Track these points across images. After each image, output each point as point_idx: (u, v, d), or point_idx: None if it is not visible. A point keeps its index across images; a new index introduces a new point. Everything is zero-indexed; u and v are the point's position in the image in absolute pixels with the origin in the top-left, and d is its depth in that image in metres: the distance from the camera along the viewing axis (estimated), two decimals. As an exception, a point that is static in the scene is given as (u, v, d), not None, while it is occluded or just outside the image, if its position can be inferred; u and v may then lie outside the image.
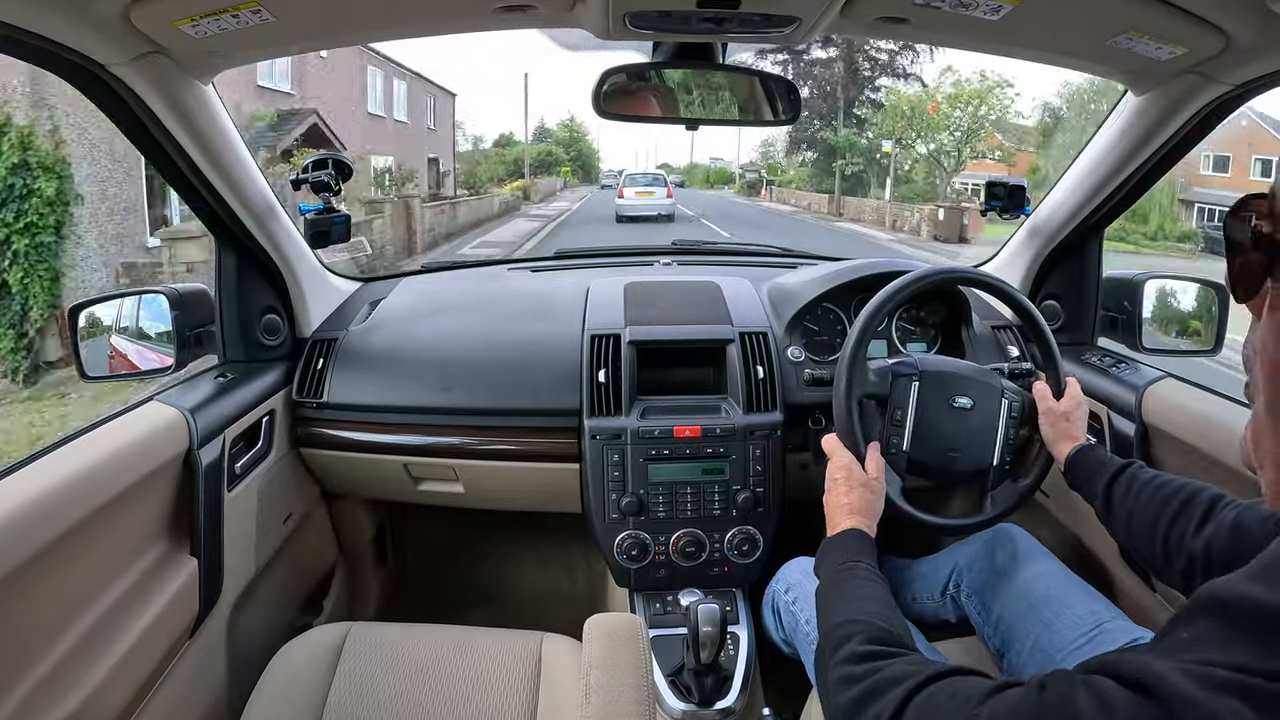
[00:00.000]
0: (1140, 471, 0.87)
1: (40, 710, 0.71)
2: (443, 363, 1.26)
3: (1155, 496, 0.82)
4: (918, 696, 0.53)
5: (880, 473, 0.92)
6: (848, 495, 0.88)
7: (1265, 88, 0.91)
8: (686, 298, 1.36)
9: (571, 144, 42.27)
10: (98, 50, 0.79)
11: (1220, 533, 0.73)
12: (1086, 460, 0.92)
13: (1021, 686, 0.48)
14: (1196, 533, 0.76)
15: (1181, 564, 0.77)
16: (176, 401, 0.99)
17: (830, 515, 0.89)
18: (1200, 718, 0.38)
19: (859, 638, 0.63)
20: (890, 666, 0.57)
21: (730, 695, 1.05)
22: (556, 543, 1.73)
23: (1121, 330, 1.30)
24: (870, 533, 0.85)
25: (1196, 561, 0.75)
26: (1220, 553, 0.72)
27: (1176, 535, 0.78)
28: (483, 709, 0.92)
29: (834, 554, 0.81)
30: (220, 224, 1.11)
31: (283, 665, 0.98)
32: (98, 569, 0.82)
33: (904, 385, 1.00)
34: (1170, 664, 0.41)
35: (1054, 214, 1.30)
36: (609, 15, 0.83)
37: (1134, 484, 0.85)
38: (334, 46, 1.00)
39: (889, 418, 1.00)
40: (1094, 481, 0.90)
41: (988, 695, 0.49)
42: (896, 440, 0.99)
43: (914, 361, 1.02)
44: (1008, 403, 1.01)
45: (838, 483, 0.90)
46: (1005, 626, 0.95)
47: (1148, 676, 0.41)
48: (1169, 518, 0.79)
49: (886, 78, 23.62)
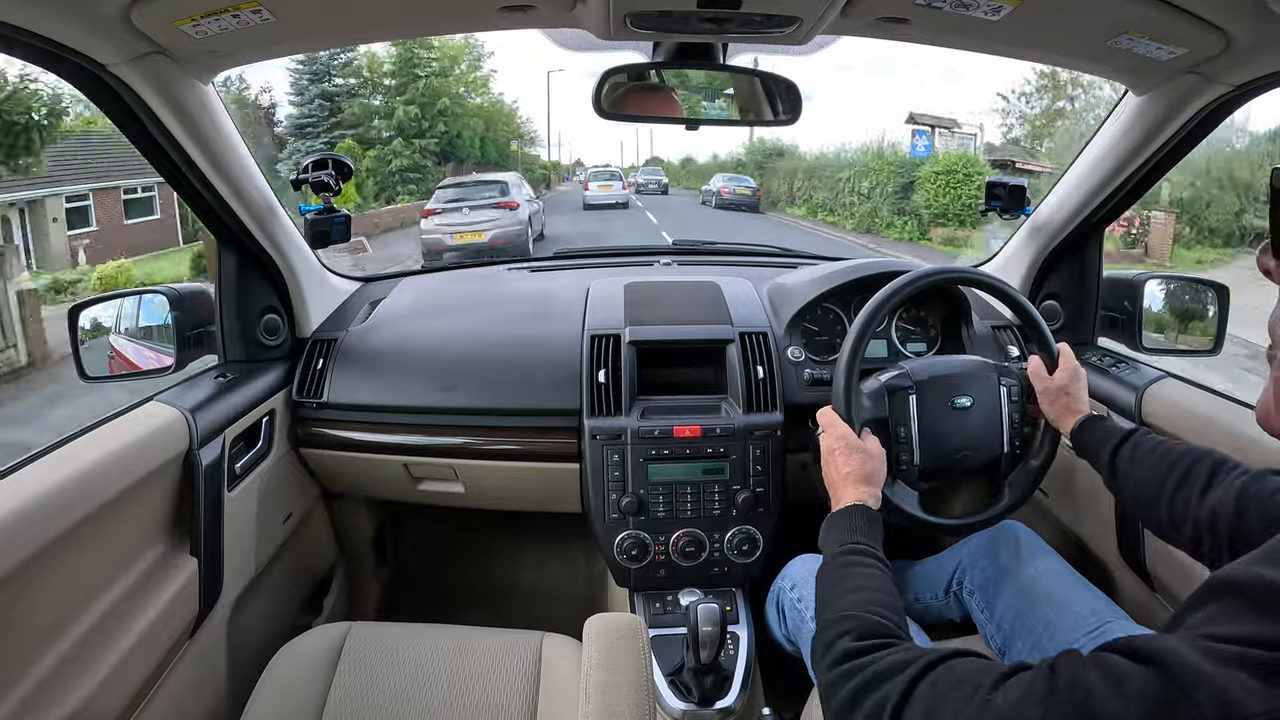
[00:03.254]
0: (1145, 438, 0.87)
1: (40, 709, 0.71)
2: (443, 363, 1.26)
3: (1160, 463, 0.82)
4: (921, 684, 0.52)
5: (879, 445, 0.91)
6: (846, 463, 0.87)
7: (1265, 88, 0.91)
8: (686, 298, 1.36)
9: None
10: (98, 50, 0.79)
11: (1226, 503, 0.73)
12: (1092, 430, 0.92)
13: (1031, 670, 0.48)
14: (1201, 499, 0.76)
15: (1188, 530, 0.77)
16: (176, 401, 0.99)
17: (832, 488, 0.87)
18: (1209, 690, 0.39)
19: (852, 634, 0.62)
20: (887, 657, 0.57)
21: (730, 695, 1.05)
22: (556, 543, 1.73)
23: (1121, 330, 1.30)
24: (874, 502, 0.84)
25: (1203, 528, 0.75)
26: (1225, 523, 0.72)
27: (1181, 501, 0.78)
28: (483, 709, 0.92)
29: (835, 532, 0.79)
30: (220, 224, 1.11)
31: (283, 665, 0.98)
32: (98, 569, 0.82)
33: (902, 401, 0.98)
34: (1180, 639, 0.42)
35: (1054, 214, 1.30)
36: (609, 15, 0.83)
37: (1139, 450, 0.85)
38: (335, 46, 1.00)
39: (893, 436, 0.97)
40: (1100, 449, 0.89)
41: (999, 680, 0.49)
42: (906, 456, 0.97)
43: (907, 372, 1.00)
44: (1006, 389, 1.01)
45: (835, 453, 0.88)
46: (1008, 624, 0.95)
47: (1160, 651, 0.42)
48: (1174, 484, 0.80)
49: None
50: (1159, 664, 0.42)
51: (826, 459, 0.90)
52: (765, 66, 1.04)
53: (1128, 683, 0.42)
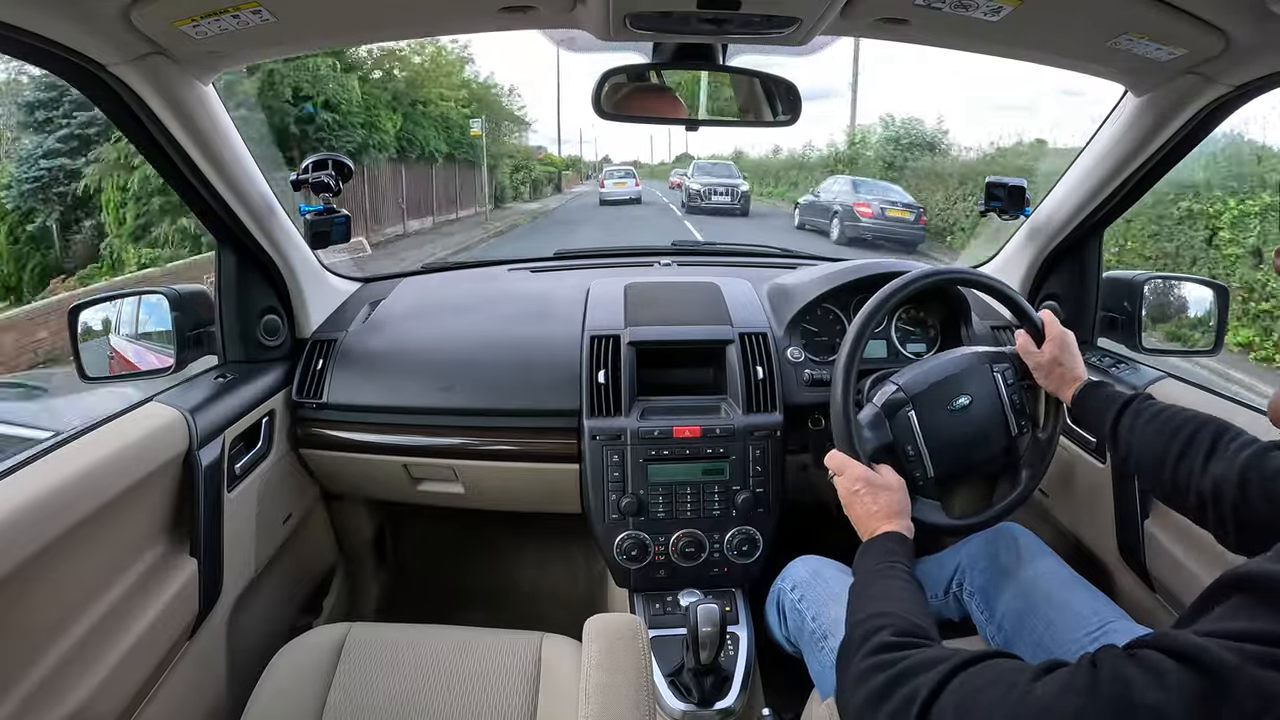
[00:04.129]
0: (1146, 404, 0.86)
1: (41, 709, 0.71)
2: (442, 363, 1.26)
3: (1162, 430, 0.82)
4: (953, 681, 0.52)
5: (895, 474, 0.89)
6: (875, 502, 0.84)
7: (1265, 89, 0.91)
8: (686, 298, 1.36)
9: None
10: (98, 50, 0.79)
11: (1229, 477, 0.73)
12: (1092, 397, 0.91)
13: (1070, 665, 0.48)
14: (1204, 469, 0.76)
15: (1193, 500, 0.77)
16: (176, 402, 0.99)
17: (862, 524, 0.85)
18: (1246, 684, 0.40)
19: (889, 629, 0.62)
20: (923, 651, 0.57)
21: (730, 695, 1.05)
22: (556, 543, 1.73)
23: (1121, 331, 1.30)
24: (909, 534, 0.82)
25: (1207, 499, 0.75)
26: (1230, 501, 0.72)
27: (1184, 471, 0.78)
28: (482, 709, 0.92)
29: (873, 554, 0.79)
30: (220, 224, 1.11)
31: (283, 665, 0.98)
32: (98, 569, 0.82)
33: (902, 420, 0.96)
34: (1207, 637, 0.43)
35: (1054, 215, 1.30)
36: (609, 16, 0.83)
37: (1140, 417, 0.85)
38: (335, 47, 1.00)
39: (903, 456, 0.96)
40: (1101, 416, 0.89)
41: (1037, 675, 0.49)
42: (919, 473, 0.96)
43: (899, 386, 0.98)
44: (1000, 375, 1.00)
45: (859, 494, 0.86)
46: (1008, 625, 0.95)
47: (1191, 648, 0.43)
48: (1176, 452, 0.79)
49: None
50: (1193, 661, 0.42)
51: (848, 501, 0.87)
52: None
53: (1168, 676, 0.43)
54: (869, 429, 0.96)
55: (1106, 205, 1.21)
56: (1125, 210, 1.24)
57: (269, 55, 0.98)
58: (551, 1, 0.82)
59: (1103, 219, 1.26)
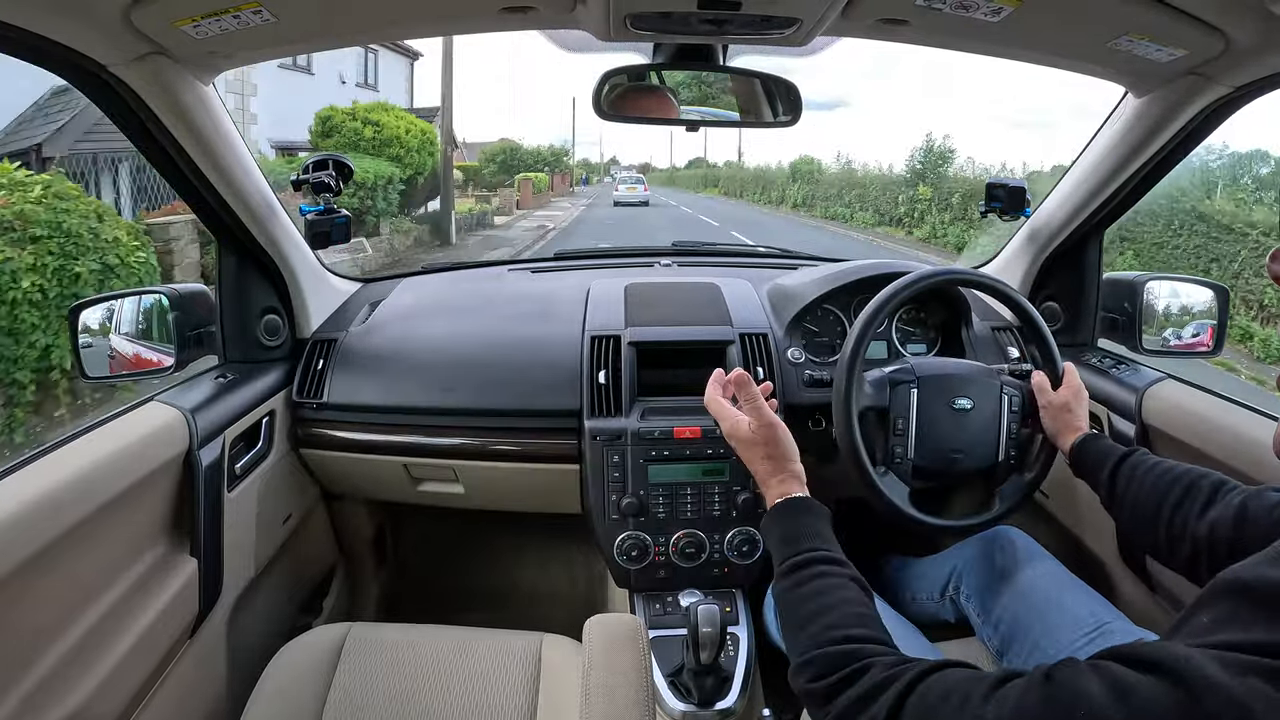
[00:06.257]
0: (1144, 458, 0.86)
1: (41, 709, 0.71)
2: (443, 364, 1.26)
3: (1159, 483, 0.82)
4: (910, 699, 0.50)
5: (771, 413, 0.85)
6: (749, 449, 0.83)
7: (1265, 89, 0.91)
8: (687, 299, 1.36)
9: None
10: (98, 50, 0.79)
11: (1225, 518, 0.72)
12: (1091, 449, 0.92)
13: (1023, 678, 0.46)
14: (1200, 517, 0.75)
15: (1186, 549, 0.76)
16: (176, 402, 0.99)
17: (758, 481, 0.84)
18: (1224, 700, 0.37)
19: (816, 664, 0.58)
20: (864, 679, 0.54)
21: (730, 696, 1.05)
22: (557, 543, 1.72)
23: (1121, 331, 1.30)
24: (802, 487, 0.80)
25: (1201, 546, 0.74)
26: (1224, 539, 0.72)
27: (1180, 520, 0.77)
28: (482, 709, 0.92)
29: (776, 539, 0.75)
30: (220, 224, 1.11)
31: (283, 665, 0.98)
32: (98, 569, 0.82)
33: (903, 393, 0.99)
34: (1192, 647, 0.41)
35: (1054, 216, 1.30)
36: (610, 16, 0.83)
37: (1138, 470, 0.85)
38: (335, 47, 1.00)
39: (890, 428, 0.99)
40: (1098, 469, 0.89)
41: (990, 691, 0.47)
42: (900, 449, 0.98)
43: (910, 367, 1.02)
44: (1008, 398, 1.01)
45: (741, 444, 0.84)
46: (1005, 628, 0.95)
47: (1169, 659, 0.40)
48: (1172, 503, 0.79)
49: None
50: (1169, 672, 0.40)
51: (736, 449, 0.86)
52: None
53: (1134, 693, 0.40)
54: (870, 385, 0.99)
55: (1106, 206, 1.21)
56: (1125, 211, 1.24)
57: (269, 55, 0.97)
58: (552, 2, 0.82)
59: (1103, 220, 1.26)
